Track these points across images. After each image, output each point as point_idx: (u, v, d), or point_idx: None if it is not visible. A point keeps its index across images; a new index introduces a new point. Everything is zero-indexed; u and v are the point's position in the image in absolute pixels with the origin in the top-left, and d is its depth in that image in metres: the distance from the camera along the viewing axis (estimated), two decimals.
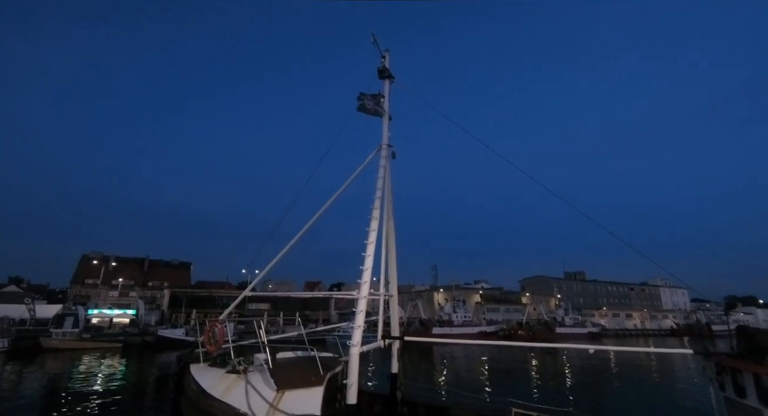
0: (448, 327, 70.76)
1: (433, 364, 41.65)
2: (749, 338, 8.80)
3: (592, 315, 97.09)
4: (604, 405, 23.47)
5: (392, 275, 13.62)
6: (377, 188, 11.96)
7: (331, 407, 9.68)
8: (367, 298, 10.26)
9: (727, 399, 9.13)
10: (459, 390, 20.44)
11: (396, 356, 13.36)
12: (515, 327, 77.21)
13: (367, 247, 10.86)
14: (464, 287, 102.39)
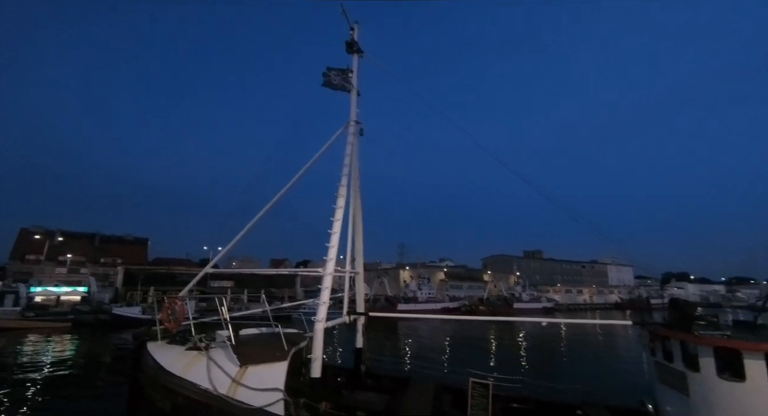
0: (413, 304, 72.92)
1: (398, 339, 43.00)
2: (679, 309, 9.74)
3: (547, 291, 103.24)
4: (555, 371, 25.40)
5: (358, 253, 13.75)
6: (344, 165, 11.84)
7: (296, 381, 9.84)
8: (332, 275, 10.32)
9: (657, 363, 10.15)
10: (421, 363, 21.31)
11: (361, 331, 13.69)
12: (477, 302, 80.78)
13: (334, 224, 10.84)
14: (429, 265, 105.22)
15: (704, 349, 8.41)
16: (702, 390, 8.47)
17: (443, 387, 12.18)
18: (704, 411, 8.36)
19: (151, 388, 8.83)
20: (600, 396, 12.07)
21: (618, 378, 22.38)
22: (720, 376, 8.09)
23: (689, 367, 8.81)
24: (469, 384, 10.63)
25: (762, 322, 10.48)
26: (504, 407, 11.26)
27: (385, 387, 12.47)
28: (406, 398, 10.46)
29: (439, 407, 10.80)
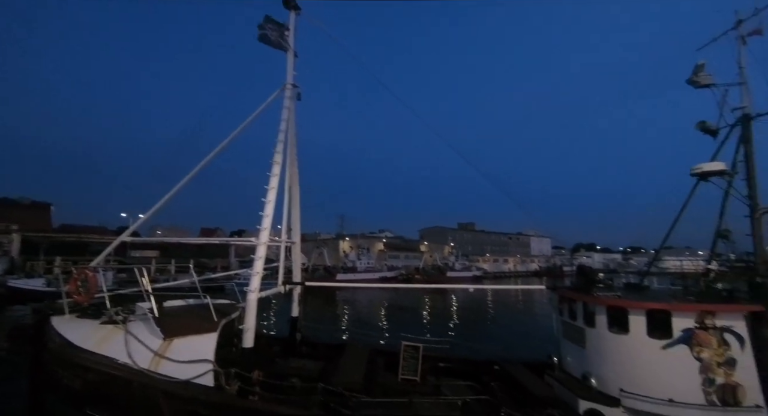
0: (352, 273, 74.28)
1: (336, 308, 43.77)
2: (583, 275, 11.06)
3: (477, 261, 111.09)
4: (480, 333, 27.83)
5: (295, 222, 13.43)
6: (280, 130, 11.24)
7: (227, 352, 9.61)
8: (267, 245, 9.99)
9: (564, 322, 11.55)
10: (358, 330, 21.97)
11: (297, 300, 13.64)
12: (413, 272, 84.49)
13: (268, 192, 10.38)
14: (369, 236, 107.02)
15: (600, 308, 9.70)
16: (595, 343, 9.84)
17: (377, 351, 12.73)
18: (596, 359, 9.77)
19: (58, 366, 8.04)
20: (517, 353, 13.47)
21: (533, 336, 25.19)
22: (610, 330, 9.43)
23: (587, 324, 10.14)
24: (401, 347, 11.20)
25: (646, 284, 12.32)
26: (432, 366, 12.13)
27: (320, 354, 12.71)
28: (341, 363, 10.78)
29: (373, 370, 11.31)
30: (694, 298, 9.70)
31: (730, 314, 8.66)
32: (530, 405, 9.12)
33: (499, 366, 12.14)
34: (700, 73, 10.85)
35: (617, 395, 8.95)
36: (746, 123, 10.38)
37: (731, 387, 8.23)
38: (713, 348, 8.48)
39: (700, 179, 10.69)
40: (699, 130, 11.30)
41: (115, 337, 8.20)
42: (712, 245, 11.08)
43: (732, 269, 11.00)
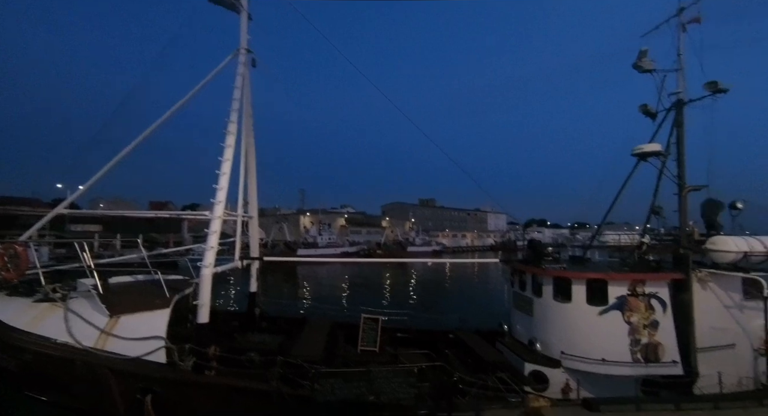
0: (314, 249, 73.99)
1: (297, 283, 43.67)
2: (533, 249, 11.74)
3: (437, 236, 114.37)
4: (437, 304, 29.01)
5: (252, 196, 12.97)
6: (234, 98, 10.58)
7: (181, 328, 9.34)
8: (222, 219, 9.60)
9: (515, 293, 12.30)
10: (319, 304, 22.06)
11: (255, 276, 13.42)
12: (374, 247, 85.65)
13: (222, 164, 9.88)
14: (330, 212, 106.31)
15: (547, 279, 10.41)
16: (542, 311, 10.62)
17: (338, 324, 12.94)
18: (541, 326, 10.57)
19: None
20: (471, 323, 14.25)
21: (487, 307, 26.70)
22: (555, 299, 10.19)
23: (535, 294, 10.88)
24: (361, 320, 11.46)
25: (589, 257, 13.33)
26: (391, 337, 12.57)
27: (280, 328, 12.71)
28: (301, 336, 10.86)
29: (334, 343, 11.52)
30: (628, 268, 10.65)
31: (657, 282, 9.63)
32: (482, 369, 9.76)
33: (453, 334, 12.80)
34: (643, 59, 11.41)
35: (558, 357, 9.80)
36: (680, 108, 11.17)
37: (654, 345, 9.26)
38: (641, 312, 9.43)
39: (640, 159, 11.50)
40: (641, 112, 12.03)
41: (52, 315, 7.67)
42: (646, 220, 12.13)
43: (661, 242, 12.16)
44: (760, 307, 9.58)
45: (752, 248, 9.70)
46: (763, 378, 9.45)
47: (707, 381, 8.98)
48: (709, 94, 10.68)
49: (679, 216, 10.88)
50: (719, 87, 10.46)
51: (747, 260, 9.73)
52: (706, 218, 10.97)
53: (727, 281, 9.90)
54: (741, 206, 10.75)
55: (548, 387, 9.55)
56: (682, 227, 10.79)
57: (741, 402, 7.32)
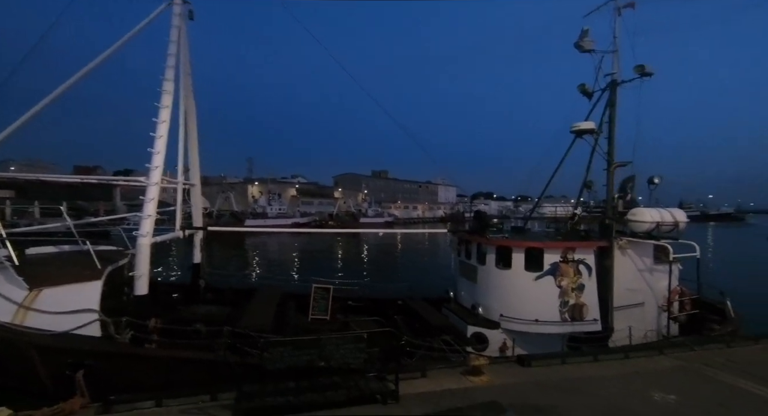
0: (262, 219, 71.87)
1: (245, 254, 42.52)
2: (479, 219, 12.32)
3: (389, 207, 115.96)
4: (388, 273, 29.82)
5: (194, 162, 12.11)
6: (169, 54, 9.55)
7: (116, 301, 8.76)
8: (159, 186, 8.89)
9: (461, 261, 12.93)
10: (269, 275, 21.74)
11: (198, 246, 12.81)
12: (326, 218, 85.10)
13: (159, 126, 9.04)
14: (281, 181, 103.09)
15: (490, 248, 11.04)
16: (485, 278, 11.32)
17: (289, 294, 12.86)
18: (484, 292, 11.30)
19: None
20: (420, 290, 14.85)
21: (436, 275, 27.93)
22: (497, 267, 10.89)
23: (479, 262, 11.53)
24: (312, 289, 11.48)
25: (528, 227, 14.28)
26: (342, 306, 12.78)
27: (228, 299, 12.39)
28: (250, 307, 10.68)
29: (284, 312, 11.48)
30: (561, 238, 11.58)
31: (585, 249, 10.60)
32: (428, 333, 10.31)
33: (402, 302, 13.30)
34: (584, 39, 11.91)
35: (498, 319, 10.61)
36: (614, 88, 11.94)
37: (579, 306, 10.32)
38: (570, 276, 10.39)
39: (577, 136, 12.26)
40: (579, 91, 12.69)
41: None
42: (579, 193, 13.15)
43: (591, 213, 13.32)
44: (666, 270, 10.98)
45: (663, 218, 10.93)
46: (664, 331, 10.99)
47: (620, 334, 10.25)
48: (638, 76, 11.49)
49: (606, 190, 11.89)
50: (646, 70, 11.28)
51: (659, 229, 10.97)
52: (626, 191, 12.11)
53: (641, 247, 11.14)
54: (657, 181, 11.96)
55: (488, 346, 10.37)
56: (608, 200, 11.83)
57: (646, 351, 8.48)
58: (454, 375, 7.01)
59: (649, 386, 6.56)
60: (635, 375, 7.13)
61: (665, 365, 7.66)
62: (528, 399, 6.05)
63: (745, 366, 7.47)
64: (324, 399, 5.78)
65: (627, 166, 11.81)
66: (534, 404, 5.86)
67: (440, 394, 6.23)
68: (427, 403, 5.88)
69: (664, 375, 7.11)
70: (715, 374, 7.12)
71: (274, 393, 5.85)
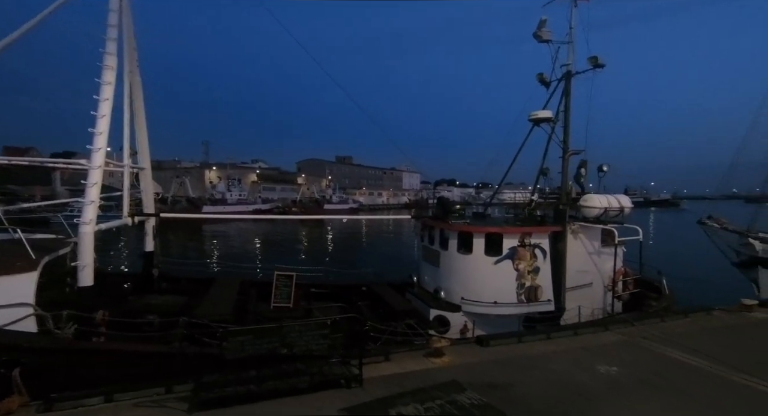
0: (222, 206, 69.12)
1: (203, 242, 40.87)
2: (442, 206, 12.53)
3: (354, 194, 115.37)
4: (353, 259, 29.85)
5: (143, 145, 11.29)
6: (109, 24, 8.70)
7: (57, 293, 8.11)
8: (102, 169, 8.21)
9: (424, 247, 13.14)
10: (229, 263, 20.97)
11: (151, 234, 12.08)
12: (289, 204, 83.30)
13: (100, 105, 8.29)
14: (240, 166, 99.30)
15: (452, 233, 11.29)
16: (447, 262, 11.59)
17: (250, 282, 12.53)
18: (446, 276, 11.59)
19: None
20: (385, 276, 14.96)
21: (400, 260, 28.30)
22: (459, 251, 11.17)
23: (442, 247, 11.77)
24: (275, 276, 11.23)
25: (489, 213, 14.72)
26: (305, 293, 12.64)
27: (184, 288, 11.87)
28: (208, 296, 10.29)
29: (245, 301, 11.18)
30: (519, 223, 12.05)
31: (541, 234, 11.11)
32: (392, 317, 10.45)
33: (367, 287, 13.37)
34: (542, 29, 12.21)
35: (459, 303, 10.95)
36: (569, 79, 12.42)
37: (534, 288, 10.86)
38: (527, 260, 10.88)
39: (535, 124, 12.68)
40: (537, 80, 13.08)
41: None
42: (536, 180, 13.70)
43: (547, 199, 13.94)
44: (612, 252, 11.78)
45: (610, 204, 11.65)
46: (609, 309, 11.86)
47: (570, 313, 10.94)
48: (590, 68, 12.00)
49: (562, 177, 12.46)
50: (598, 62, 11.79)
51: (606, 214, 11.70)
52: (579, 178, 12.77)
53: (591, 231, 11.86)
54: (606, 169, 12.69)
55: (450, 329, 10.71)
56: (563, 186, 12.42)
57: (593, 328, 9.12)
58: (417, 358, 7.17)
59: (595, 359, 7.06)
60: (583, 350, 7.65)
61: (610, 340, 8.28)
62: (486, 376, 6.32)
63: (677, 337, 8.24)
64: (287, 386, 5.72)
65: (580, 154, 12.40)
66: (492, 381, 6.13)
67: (403, 376, 6.36)
68: (391, 385, 5.98)
69: (608, 349, 7.68)
70: (652, 346, 7.79)
71: (234, 382, 5.71)
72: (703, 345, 7.76)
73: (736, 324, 9.25)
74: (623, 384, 6.08)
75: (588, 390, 5.85)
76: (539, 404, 5.43)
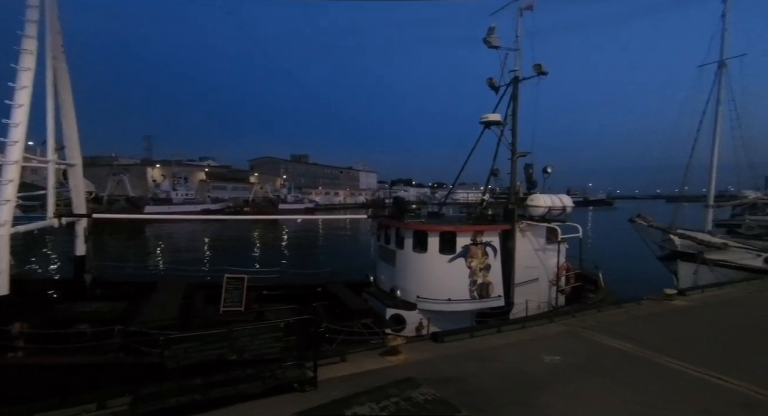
0: (166, 206, 64.89)
1: (146, 244, 38.17)
2: (398, 205, 12.67)
3: (310, 193, 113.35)
4: (310, 260, 29.28)
5: (71, 139, 10.25)
6: (29, 5, 7.82)
7: None
8: (20, 165, 7.34)
9: (380, 246, 13.19)
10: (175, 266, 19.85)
11: (82, 236, 11.02)
12: (242, 204, 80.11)
13: (17, 94, 7.43)
14: (188, 164, 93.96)
15: (408, 232, 11.43)
16: (403, 261, 11.71)
17: (196, 286, 11.88)
18: (402, 275, 11.71)
19: None
20: (342, 276, 14.79)
21: (357, 260, 28.18)
22: (414, 250, 11.33)
23: (398, 246, 11.88)
24: (224, 279, 10.72)
25: (443, 213, 15.09)
26: (258, 295, 12.19)
27: (123, 294, 10.97)
28: (149, 301, 9.59)
29: (190, 305, 10.56)
30: (472, 222, 12.47)
31: (492, 232, 11.57)
32: (348, 317, 10.37)
33: (322, 287, 13.17)
34: (491, 35, 12.75)
35: (415, 301, 11.10)
36: (516, 84, 13.07)
37: (486, 284, 11.29)
38: (479, 257, 11.28)
39: (485, 126, 13.19)
40: (487, 85, 13.63)
41: None
42: (487, 181, 14.27)
43: (497, 199, 14.57)
44: (556, 249, 12.55)
45: (554, 204, 12.42)
46: (554, 302, 12.62)
47: (519, 307, 11.51)
48: (535, 75, 12.71)
49: (510, 178, 13.07)
50: (542, 70, 12.52)
51: (550, 213, 12.45)
52: (527, 179, 13.48)
53: (537, 229, 12.55)
54: (550, 170, 13.51)
55: (406, 327, 10.82)
56: (512, 186, 13.03)
57: (539, 321, 9.64)
58: (373, 357, 7.15)
59: (540, 350, 7.46)
60: (530, 341, 8.06)
61: (554, 331, 8.79)
62: (441, 372, 6.45)
63: (611, 326, 8.94)
64: (237, 393, 5.45)
65: (527, 156, 13.08)
66: (446, 376, 6.26)
67: (359, 376, 6.31)
68: (346, 386, 5.91)
69: (552, 340, 8.16)
70: (590, 335, 8.38)
71: (177, 392, 5.33)
72: (632, 331, 8.49)
73: (660, 312, 10.22)
74: (564, 371, 6.48)
75: (534, 379, 6.17)
76: (489, 394, 5.63)
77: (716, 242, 18.11)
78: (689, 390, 5.88)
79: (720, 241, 18.25)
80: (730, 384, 6.01)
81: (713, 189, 21.60)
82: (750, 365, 6.75)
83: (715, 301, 11.38)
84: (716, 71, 21.19)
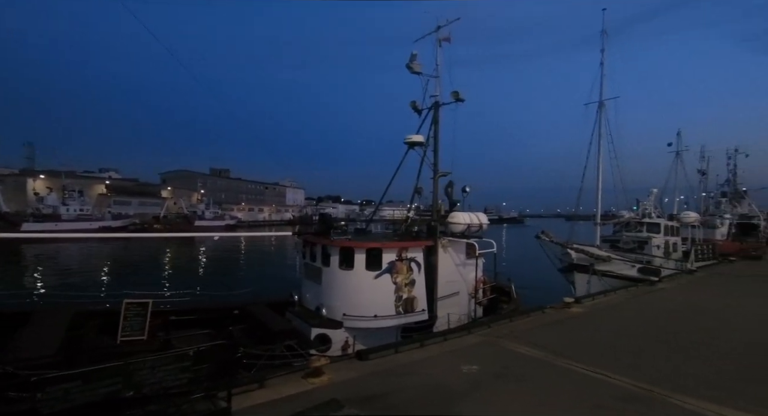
0: (52, 223, 55.85)
1: (24, 268, 32.34)
2: (324, 222, 12.52)
3: (231, 209, 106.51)
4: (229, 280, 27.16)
5: None
6: None
7: None
8: None
9: (305, 264, 12.82)
10: (59, 292, 17.20)
11: None
12: (151, 221, 72.33)
13: None
14: (83, 176, 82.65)
15: (334, 249, 11.31)
16: (329, 279, 11.50)
17: (87, 314, 10.33)
18: (328, 293, 11.47)
19: None
20: (264, 295, 13.97)
21: (282, 279, 26.94)
22: (340, 267, 11.21)
23: (324, 263, 11.66)
24: (123, 305, 9.48)
25: (370, 229, 15.26)
26: (164, 322, 10.97)
27: None
28: (21, 335, 8.04)
29: (79, 337, 9.11)
30: (397, 238, 12.80)
31: (416, 248, 11.98)
32: (270, 340, 9.78)
33: (240, 309, 12.31)
34: (414, 62, 13.62)
35: (341, 319, 10.90)
36: (437, 108, 14.03)
37: (410, 299, 11.56)
38: (404, 273, 11.56)
39: (409, 147, 13.83)
40: (411, 108, 14.40)
41: None
42: (411, 198, 14.86)
43: (421, 216, 15.21)
44: (474, 263, 13.41)
45: (472, 221, 13.34)
46: (473, 314, 13.36)
47: (441, 321, 11.95)
48: (453, 101, 13.79)
49: (433, 196, 13.78)
50: (459, 97, 13.65)
51: (469, 229, 13.33)
52: (448, 197, 14.33)
53: (457, 245, 13.31)
54: (468, 190, 14.55)
55: (332, 346, 10.54)
56: (434, 204, 13.73)
57: (459, 333, 10.11)
58: (295, 380, 6.82)
59: (460, 361, 7.80)
60: (450, 353, 8.39)
61: (472, 341, 9.28)
62: (365, 390, 6.37)
63: (521, 334, 9.73)
64: None
65: (447, 176, 13.94)
66: (370, 394, 6.20)
67: (279, 402, 5.96)
68: (264, 414, 5.53)
69: (470, 350, 8.59)
70: (504, 344, 9.01)
71: None
72: (538, 338, 9.33)
73: (561, 319, 11.41)
74: (481, 380, 6.84)
75: (454, 390, 6.41)
76: (411, 408, 5.70)
77: (603, 255, 20.98)
78: (584, 388, 6.61)
79: (606, 254, 21.19)
80: (617, 380, 6.89)
81: (600, 210, 25.30)
82: (632, 363, 7.84)
83: (603, 306, 13.09)
84: (597, 110, 25.16)
